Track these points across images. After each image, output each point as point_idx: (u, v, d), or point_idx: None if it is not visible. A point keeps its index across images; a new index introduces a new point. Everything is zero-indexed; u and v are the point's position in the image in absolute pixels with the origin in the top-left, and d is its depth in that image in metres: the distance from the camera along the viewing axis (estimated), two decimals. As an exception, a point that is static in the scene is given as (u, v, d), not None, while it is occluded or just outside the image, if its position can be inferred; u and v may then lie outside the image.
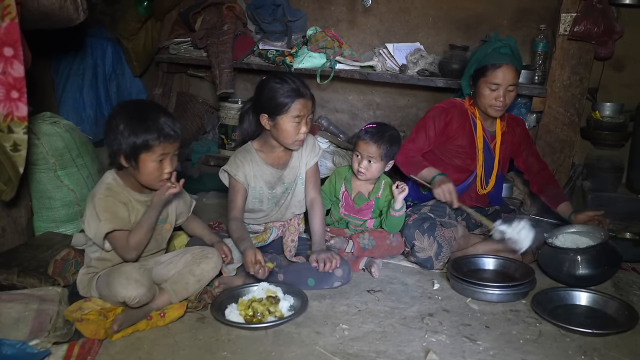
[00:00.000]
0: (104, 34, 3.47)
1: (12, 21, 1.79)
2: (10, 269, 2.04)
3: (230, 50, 3.38)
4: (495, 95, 2.47)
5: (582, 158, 3.19)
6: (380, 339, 1.83)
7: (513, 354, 1.76)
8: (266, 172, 2.27)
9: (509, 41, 2.49)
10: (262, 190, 2.28)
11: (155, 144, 1.83)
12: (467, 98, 2.64)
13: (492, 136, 2.63)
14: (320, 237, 2.29)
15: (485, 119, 2.61)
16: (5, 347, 1.57)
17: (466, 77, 2.62)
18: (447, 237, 2.42)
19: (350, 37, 3.56)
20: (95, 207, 1.84)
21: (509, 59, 2.45)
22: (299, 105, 2.14)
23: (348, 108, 3.73)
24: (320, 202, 2.37)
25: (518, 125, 2.73)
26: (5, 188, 2.03)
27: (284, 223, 2.40)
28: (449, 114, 2.59)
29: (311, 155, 2.36)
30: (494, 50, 2.47)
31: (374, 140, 2.44)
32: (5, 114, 1.86)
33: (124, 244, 1.86)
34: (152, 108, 1.91)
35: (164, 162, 1.87)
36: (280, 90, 2.14)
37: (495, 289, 2.14)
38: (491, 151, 2.63)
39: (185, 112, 3.81)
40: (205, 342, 1.77)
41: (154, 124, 1.83)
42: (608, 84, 3.20)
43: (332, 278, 2.18)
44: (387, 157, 2.47)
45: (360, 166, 2.46)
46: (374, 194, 2.52)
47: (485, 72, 2.48)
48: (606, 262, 2.29)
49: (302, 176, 2.36)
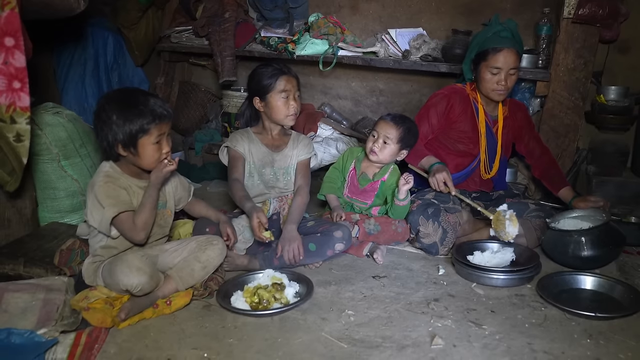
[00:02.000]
0: (105, 24, 3.45)
1: (12, 11, 1.78)
2: (17, 259, 2.05)
3: (232, 38, 3.37)
4: (497, 79, 2.46)
5: (587, 142, 3.18)
6: (386, 324, 1.83)
7: (519, 338, 1.76)
8: (260, 150, 2.44)
9: (510, 24, 2.47)
10: (255, 165, 2.42)
11: (151, 126, 1.84)
12: (469, 83, 2.64)
13: (494, 120, 2.62)
14: (298, 214, 2.31)
15: (487, 103, 2.60)
16: (13, 336, 1.58)
17: (467, 61, 2.61)
18: (451, 222, 2.42)
19: (353, 23, 3.53)
20: (97, 196, 1.84)
21: (509, 43, 2.44)
22: (283, 81, 2.35)
23: (351, 95, 3.71)
24: (306, 191, 2.43)
25: (520, 110, 2.72)
26: (9, 179, 2.04)
27: (281, 197, 2.46)
28: (450, 99, 2.59)
29: (304, 150, 2.50)
30: (494, 34, 2.46)
31: (394, 122, 2.48)
32: (8, 104, 1.86)
33: (131, 225, 1.86)
34: (138, 93, 1.92)
35: (161, 143, 1.89)
36: (265, 72, 2.37)
37: (501, 274, 2.14)
38: (494, 135, 2.62)
39: (187, 101, 3.81)
40: (211, 329, 1.78)
41: (145, 108, 1.84)
42: (613, 67, 3.17)
43: (332, 239, 2.21)
44: (402, 142, 2.49)
45: (374, 145, 2.49)
46: (379, 175, 2.54)
47: (486, 56, 2.47)
48: (610, 242, 2.29)
49: (293, 166, 2.48)
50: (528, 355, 1.66)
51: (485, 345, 1.71)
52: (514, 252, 2.30)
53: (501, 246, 2.36)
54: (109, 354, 1.62)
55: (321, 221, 2.42)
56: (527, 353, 1.68)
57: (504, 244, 2.35)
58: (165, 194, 2.04)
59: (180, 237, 2.25)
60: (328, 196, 2.58)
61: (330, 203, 2.57)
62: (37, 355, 1.53)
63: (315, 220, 2.44)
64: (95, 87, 3.38)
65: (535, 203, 2.66)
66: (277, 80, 2.35)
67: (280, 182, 2.46)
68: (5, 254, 2.10)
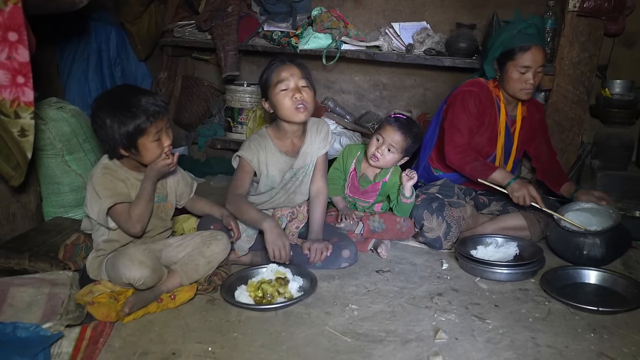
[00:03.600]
0: (108, 18, 3.44)
1: (15, 5, 1.77)
2: (22, 254, 2.06)
3: (234, 32, 3.36)
4: (526, 78, 2.40)
5: (592, 136, 3.16)
6: (389, 318, 1.84)
7: (522, 332, 1.76)
8: (280, 160, 2.23)
9: (535, 21, 2.42)
10: (275, 178, 2.25)
11: (147, 125, 1.83)
12: (492, 80, 2.56)
13: (512, 120, 2.58)
14: (319, 227, 2.26)
15: (508, 102, 2.54)
16: (19, 330, 1.59)
17: (490, 60, 2.52)
18: (455, 216, 2.41)
19: (356, 17, 3.52)
20: (95, 187, 1.86)
21: (536, 40, 2.39)
22: (280, 72, 2.12)
23: (354, 89, 3.70)
24: (326, 193, 2.33)
25: (538, 111, 2.67)
26: (14, 174, 2.04)
27: (292, 210, 2.37)
28: (479, 97, 2.49)
29: (323, 143, 2.30)
30: (519, 31, 2.40)
31: (403, 131, 2.39)
32: (12, 99, 1.86)
33: (126, 217, 1.87)
34: (127, 94, 1.87)
35: (161, 138, 1.88)
36: (266, 70, 2.17)
37: (504, 268, 2.14)
38: (511, 136, 2.58)
39: (190, 95, 3.80)
40: (215, 323, 1.78)
41: (138, 109, 1.81)
42: (618, 61, 3.15)
43: (340, 259, 2.19)
44: (406, 152, 2.45)
45: (378, 151, 2.42)
46: (380, 177, 2.50)
47: (513, 55, 2.40)
48: (621, 242, 2.29)
49: (314, 163, 2.31)
50: (532, 349, 1.66)
51: (489, 340, 1.71)
52: (517, 246, 2.30)
53: (505, 240, 2.35)
54: (114, 348, 1.63)
55: (329, 229, 2.35)
56: (531, 347, 1.68)
57: (507, 238, 2.35)
58: (166, 188, 2.05)
59: (185, 232, 2.26)
60: (334, 198, 2.53)
61: (337, 205, 2.52)
62: (42, 349, 1.53)
63: (324, 225, 2.35)
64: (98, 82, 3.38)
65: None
66: (274, 72, 2.13)
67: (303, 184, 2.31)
68: (10, 248, 2.11)
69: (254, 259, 2.21)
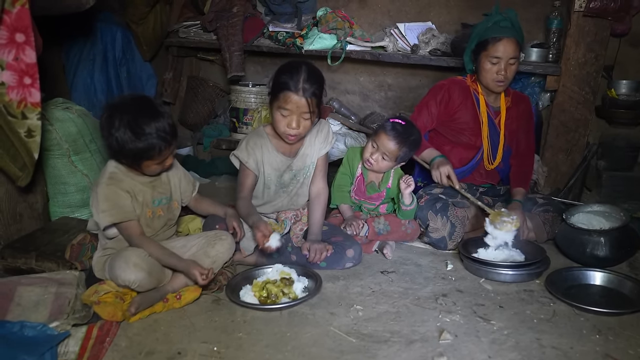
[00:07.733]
0: (113, 19, 3.46)
1: (22, 7, 1.79)
2: (29, 253, 2.08)
3: (239, 32, 3.37)
4: (497, 68, 2.43)
5: (597, 137, 3.15)
6: (394, 319, 1.84)
7: (527, 334, 1.76)
8: (276, 159, 2.22)
9: (509, 14, 2.45)
10: (270, 177, 2.24)
11: (154, 153, 1.84)
12: (469, 75, 2.61)
13: (496, 112, 2.60)
14: (318, 228, 2.27)
15: (488, 94, 2.58)
16: (26, 329, 1.60)
17: (468, 52, 2.58)
18: (460, 216, 2.42)
19: (361, 18, 3.52)
20: (97, 196, 1.86)
21: (509, 32, 2.41)
22: (288, 100, 2.02)
23: (359, 89, 3.70)
24: (326, 194, 2.33)
25: (523, 102, 2.67)
26: (21, 174, 2.06)
27: (296, 213, 2.36)
28: (450, 89, 2.57)
29: (324, 144, 2.29)
30: (494, 23, 2.44)
31: (397, 141, 2.35)
32: (19, 100, 1.87)
33: (128, 236, 1.89)
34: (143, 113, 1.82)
35: (165, 161, 1.91)
36: (278, 75, 2.05)
37: (509, 270, 2.14)
38: (496, 126, 2.59)
39: (196, 96, 3.81)
40: (220, 323, 1.79)
41: (150, 136, 1.80)
42: (624, 61, 3.14)
43: (344, 259, 2.19)
44: (400, 159, 2.43)
45: (372, 157, 2.40)
46: (383, 184, 2.49)
47: (486, 45, 2.44)
48: (628, 244, 2.27)
49: (314, 164, 2.29)
50: (536, 351, 1.66)
51: (494, 341, 1.71)
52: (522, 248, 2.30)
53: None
54: (120, 347, 1.64)
55: (334, 229, 2.36)
56: (536, 348, 1.67)
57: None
58: (170, 185, 2.05)
59: (190, 232, 2.26)
60: (341, 207, 2.52)
61: (344, 214, 2.51)
62: (49, 347, 1.54)
63: (328, 226, 2.37)
64: (104, 82, 3.40)
65: (543, 198, 2.64)
66: (282, 93, 2.02)
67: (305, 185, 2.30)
68: (17, 248, 2.12)
69: (259, 260, 2.21)
